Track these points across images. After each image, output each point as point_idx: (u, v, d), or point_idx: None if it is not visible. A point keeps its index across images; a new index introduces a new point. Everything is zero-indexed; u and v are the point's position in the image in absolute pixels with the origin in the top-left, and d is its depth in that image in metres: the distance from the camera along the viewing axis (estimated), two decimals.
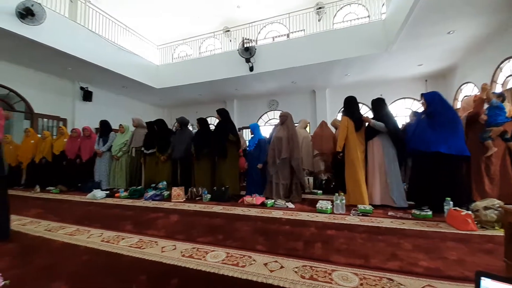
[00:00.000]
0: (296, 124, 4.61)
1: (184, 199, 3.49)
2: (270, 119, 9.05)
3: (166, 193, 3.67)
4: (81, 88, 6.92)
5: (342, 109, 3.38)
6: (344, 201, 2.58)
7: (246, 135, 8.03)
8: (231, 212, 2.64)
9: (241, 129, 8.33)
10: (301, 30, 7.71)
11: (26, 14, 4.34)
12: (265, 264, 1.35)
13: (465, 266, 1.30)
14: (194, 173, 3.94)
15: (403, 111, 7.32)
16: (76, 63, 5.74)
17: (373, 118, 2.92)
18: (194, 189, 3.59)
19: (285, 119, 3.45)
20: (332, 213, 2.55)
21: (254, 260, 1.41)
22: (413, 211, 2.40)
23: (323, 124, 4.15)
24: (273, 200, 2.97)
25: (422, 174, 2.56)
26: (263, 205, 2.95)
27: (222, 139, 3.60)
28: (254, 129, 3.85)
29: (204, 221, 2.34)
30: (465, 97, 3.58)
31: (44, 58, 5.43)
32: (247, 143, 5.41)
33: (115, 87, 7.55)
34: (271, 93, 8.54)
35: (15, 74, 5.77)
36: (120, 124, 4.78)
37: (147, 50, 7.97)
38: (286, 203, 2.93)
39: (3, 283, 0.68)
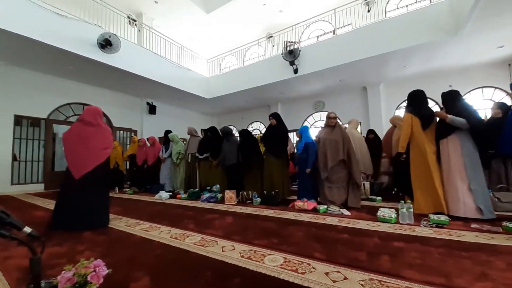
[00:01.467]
0: (345, 125, 4.36)
1: (236, 202, 3.64)
2: (316, 121, 8.75)
3: (219, 195, 3.91)
4: (147, 103, 8.06)
5: (405, 105, 3.02)
6: (411, 210, 2.28)
7: (293, 138, 7.93)
8: (282, 217, 2.63)
9: None
10: (348, 25, 7.29)
11: (106, 44, 5.30)
12: (326, 274, 1.29)
13: None
14: (244, 177, 4.09)
15: (481, 103, 6.10)
16: (144, 82, 6.71)
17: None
18: (245, 193, 3.72)
19: (334, 121, 3.28)
20: (397, 222, 2.27)
21: (313, 268, 1.36)
22: (504, 223, 1.96)
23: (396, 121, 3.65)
24: (325, 206, 2.84)
25: None
26: (315, 210, 2.85)
27: (278, 142, 3.66)
28: (303, 131, 3.77)
29: (257, 224, 2.39)
30: None
31: (119, 79, 6.53)
32: (295, 146, 5.37)
33: (173, 100, 8.51)
34: (316, 94, 8.27)
35: (97, 94, 7.10)
36: (175, 134, 5.36)
37: (199, 64, 8.73)
38: (341, 210, 2.75)
39: (106, 271, 0.82)
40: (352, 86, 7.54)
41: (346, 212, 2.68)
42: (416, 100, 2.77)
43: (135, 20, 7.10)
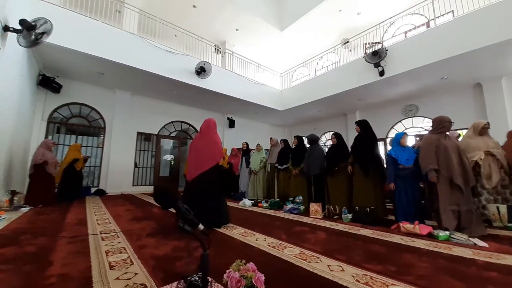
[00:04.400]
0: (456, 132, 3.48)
1: (322, 216, 3.41)
2: (406, 128, 7.46)
3: (302, 207, 3.77)
4: (228, 118, 8.95)
5: None
6: None
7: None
8: (388, 240, 2.24)
9: None
10: (448, 13, 6.07)
11: (201, 71, 6.25)
12: None
13: None
14: (329, 189, 3.82)
15: None
16: (226, 100, 7.52)
17: None
18: (331, 207, 3.45)
19: (449, 125, 2.65)
20: None
21: None
22: None
23: None
24: (447, 233, 2.25)
25: None
26: (430, 236, 2.31)
27: (366, 153, 3.29)
28: (394, 141, 3.23)
29: (358, 244, 2.12)
30: None
31: (207, 99, 7.54)
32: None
33: (249, 114, 9.15)
34: (406, 97, 7.11)
35: (191, 113, 8.39)
36: (258, 144, 5.62)
37: (272, 79, 9.12)
38: (471, 239, 2.12)
39: (263, 277, 0.80)
40: (459, 84, 6.09)
41: (481, 243, 2.04)
42: None
43: (220, 48, 8.17)
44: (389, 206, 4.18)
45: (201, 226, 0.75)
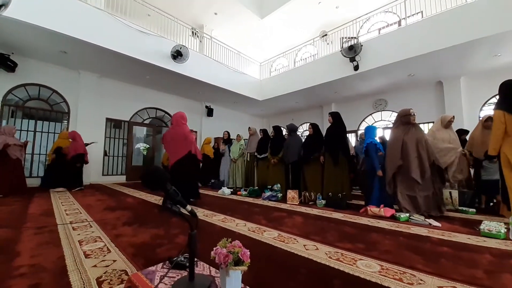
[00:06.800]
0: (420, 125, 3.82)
1: (298, 202, 3.59)
2: (375, 121, 8.01)
3: (280, 194, 3.92)
4: (206, 106, 8.72)
5: (496, 100, 2.55)
6: None
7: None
8: (357, 222, 2.46)
9: None
10: (418, 13, 6.48)
11: (177, 55, 5.95)
12: None
13: None
14: (305, 177, 4.01)
15: None
16: (204, 87, 7.29)
17: None
18: (307, 193, 3.63)
19: (410, 118, 2.91)
20: (507, 238, 1.90)
21: (422, 280, 1.21)
22: None
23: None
24: (407, 214, 2.53)
25: None
26: (393, 218, 2.58)
27: (336, 143, 3.49)
28: (367, 132, 3.48)
29: (331, 226, 2.29)
30: None
31: (184, 86, 7.24)
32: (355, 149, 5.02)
33: (229, 103, 9.01)
34: (377, 92, 7.57)
35: (167, 100, 8.04)
36: (238, 134, 5.63)
37: (252, 68, 9.03)
38: (427, 220, 2.42)
39: (248, 252, 0.83)
40: (424, 81, 6.64)
41: (435, 223, 2.34)
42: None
43: (197, 32, 7.80)
44: (356, 192, 4.55)
45: (188, 207, 0.77)
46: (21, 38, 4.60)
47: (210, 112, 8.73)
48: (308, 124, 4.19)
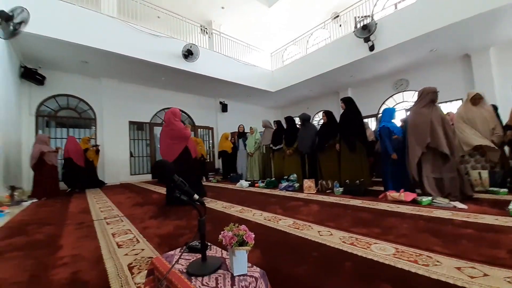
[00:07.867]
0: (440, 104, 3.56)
1: (315, 191, 3.59)
2: (397, 103, 7.58)
3: (297, 184, 3.94)
4: (220, 102, 8.87)
5: None
6: None
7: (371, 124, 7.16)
8: (375, 207, 2.42)
9: None
10: None
11: (188, 54, 6.07)
12: (458, 268, 1.12)
13: None
14: (320, 166, 3.98)
15: None
16: (217, 83, 7.40)
17: None
18: (324, 182, 3.61)
19: (434, 95, 2.73)
20: None
21: (438, 262, 1.19)
22: None
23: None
24: (429, 198, 2.44)
25: None
26: (414, 202, 2.49)
27: (350, 129, 3.40)
28: (384, 114, 3.33)
29: (347, 213, 2.28)
30: None
31: (197, 84, 7.40)
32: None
33: (242, 97, 9.06)
34: (397, 72, 7.13)
35: (183, 99, 8.28)
36: (251, 127, 5.67)
37: (263, 59, 8.94)
38: (452, 202, 2.31)
39: (253, 235, 0.85)
40: (448, 56, 6.12)
41: (460, 205, 2.23)
42: None
43: (206, 28, 7.86)
44: (378, 179, 4.41)
45: (196, 196, 0.84)
46: (45, 52, 4.99)
47: (224, 108, 8.88)
48: (322, 112, 4.11)
